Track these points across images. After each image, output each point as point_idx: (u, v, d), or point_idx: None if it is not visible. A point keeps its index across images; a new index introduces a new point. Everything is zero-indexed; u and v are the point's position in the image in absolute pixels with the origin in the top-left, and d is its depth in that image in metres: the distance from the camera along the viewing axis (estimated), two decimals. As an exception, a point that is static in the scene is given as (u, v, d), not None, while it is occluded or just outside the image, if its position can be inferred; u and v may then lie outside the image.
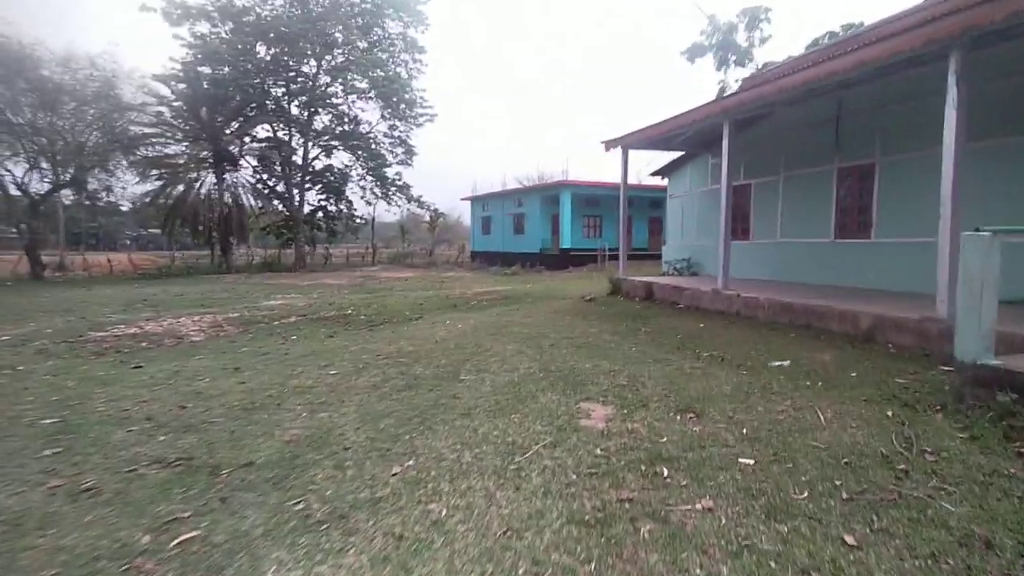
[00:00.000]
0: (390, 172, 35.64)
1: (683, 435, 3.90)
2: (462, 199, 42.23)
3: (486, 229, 39.79)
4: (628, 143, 12.67)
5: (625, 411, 4.46)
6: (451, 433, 4.03)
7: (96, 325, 9.63)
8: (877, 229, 9.92)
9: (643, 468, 3.35)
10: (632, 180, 36.00)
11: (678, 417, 4.31)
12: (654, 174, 16.03)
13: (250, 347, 7.84)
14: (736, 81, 32.02)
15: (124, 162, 26.25)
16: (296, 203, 33.12)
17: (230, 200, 29.72)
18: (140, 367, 6.40)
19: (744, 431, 3.94)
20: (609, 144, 12.92)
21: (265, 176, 33.72)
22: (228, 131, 30.19)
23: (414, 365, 6.35)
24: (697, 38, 32.04)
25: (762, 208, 12.41)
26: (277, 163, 32.89)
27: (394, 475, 3.31)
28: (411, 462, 3.50)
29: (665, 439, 3.82)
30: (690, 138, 13.09)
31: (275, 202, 33.73)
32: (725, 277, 9.72)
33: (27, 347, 7.64)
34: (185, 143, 27.89)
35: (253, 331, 9.33)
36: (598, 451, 3.64)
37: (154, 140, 26.85)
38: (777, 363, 5.79)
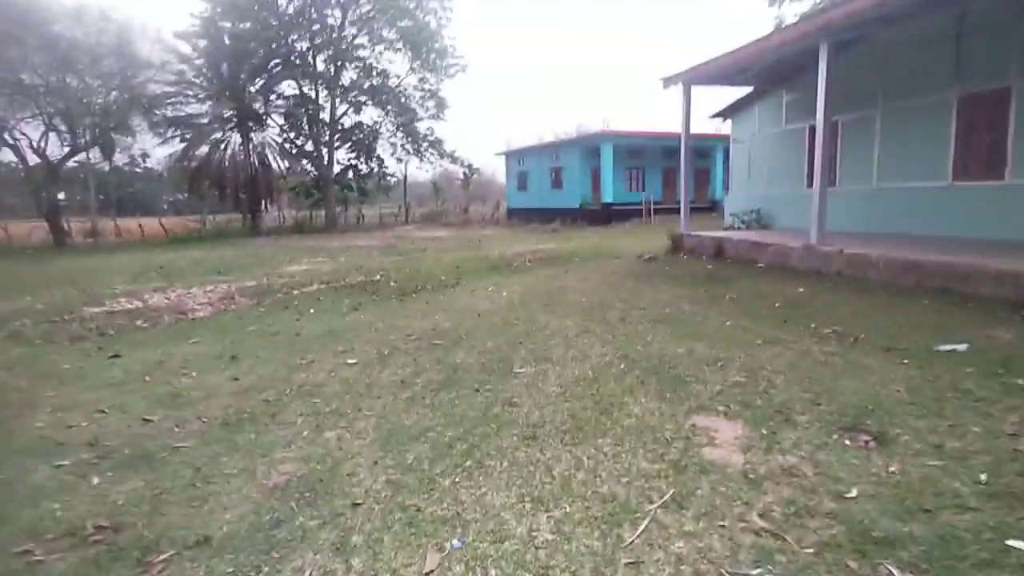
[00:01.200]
0: (421, 127, 34.03)
1: (879, 482, 2.47)
2: (496, 154, 40.36)
3: (522, 185, 38.00)
4: (690, 78, 10.80)
5: (764, 431, 3.04)
6: (513, 475, 2.68)
7: (95, 299, 8.60)
8: (1014, 168, 8.00)
9: (854, 566, 1.94)
10: (674, 127, 33.63)
11: (848, 442, 2.87)
12: (715, 116, 14.07)
13: (258, 325, 6.65)
14: (795, 16, 29.00)
15: (145, 123, 25.16)
16: (325, 162, 31.91)
17: (256, 161, 28.71)
18: (117, 356, 5.24)
19: (979, 475, 2.48)
20: (668, 80, 11.07)
21: (292, 135, 32.56)
22: (252, 88, 28.96)
23: (453, 349, 5.03)
24: (752, -35, 28.84)
25: (853, 149, 10.46)
26: (304, 121, 31.63)
27: (428, 575, 1.99)
28: (455, 542, 2.17)
29: (854, 491, 2.40)
30: (762, 71, 11.13)
31: (303, 162, 32.60)
32: (820, 230, 8.03)
33: (1, 330, 6.60)
34: (208, 102, 26.74)
35: (267, 303, 8.17)
36: (756, 519, 2.24)
37: (174, 99, 25.72)
38: (947, 347, 4.23)
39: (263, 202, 30.28)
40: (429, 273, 11.13)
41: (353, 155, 34.96)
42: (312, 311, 7.54)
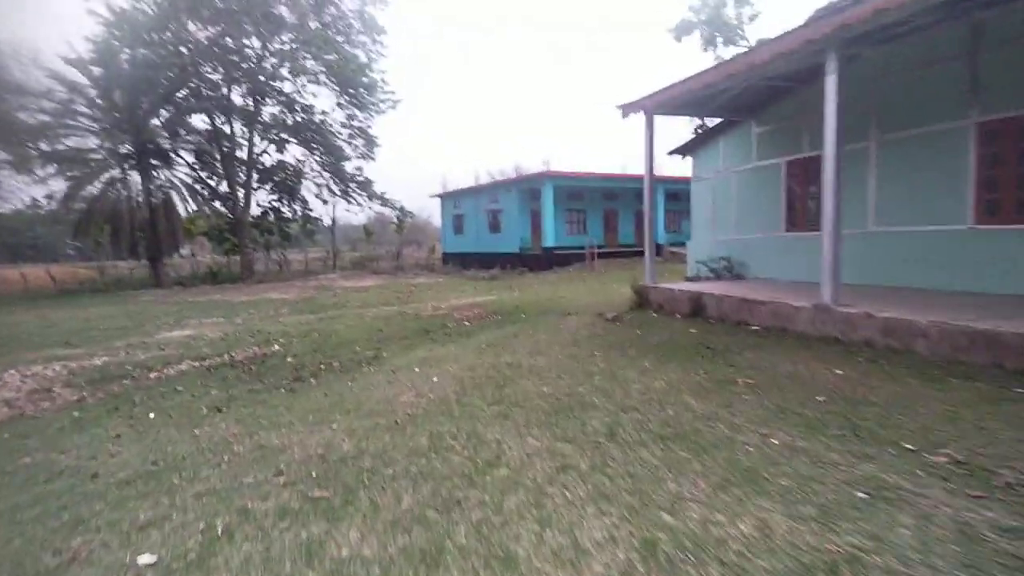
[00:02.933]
0: (349, 167, 31.83)
1: None
2: (431, 196, 38.56)
3: (459, 228, 36.25)
4: (654, 106, 9.32)
5: None
6: None
7: None
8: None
9: None
10: (611, 169, 32.63)
11: None
12: (673, 152, 12.75)
13: (43, 453, 4.24)
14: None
15: (10, 157, 21.65)
16: (241, 204, 29.03)
17: (160, 202, 25.57)
18: None
19: None
20: (628, 108, 9.56)
21: (205, 175, 29.58)
22: (156, 121, 26.06)
23: (343, 515, 2.89)
24: (686, 14, 29.02)
25: (841, 187, 9.18)
26: (218, 159, 28.78)
27: None
28: None
29: None
30: (732, 99, 9.84)
31: (216, 203, 29.57)
32: (835, 286, 6.44)
33: None
34: (99, 135, 23.59)
35: (95, 400, 5.72)
36: None
37: (54, 131, 22.39)
38: None
39: (170, 248, 27.04)
40: (343, 340, 8.89)
41: (275, 197, 32.28)
42: (152, 416, 5.17)
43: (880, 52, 8.00)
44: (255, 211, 32.14)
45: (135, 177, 25.25)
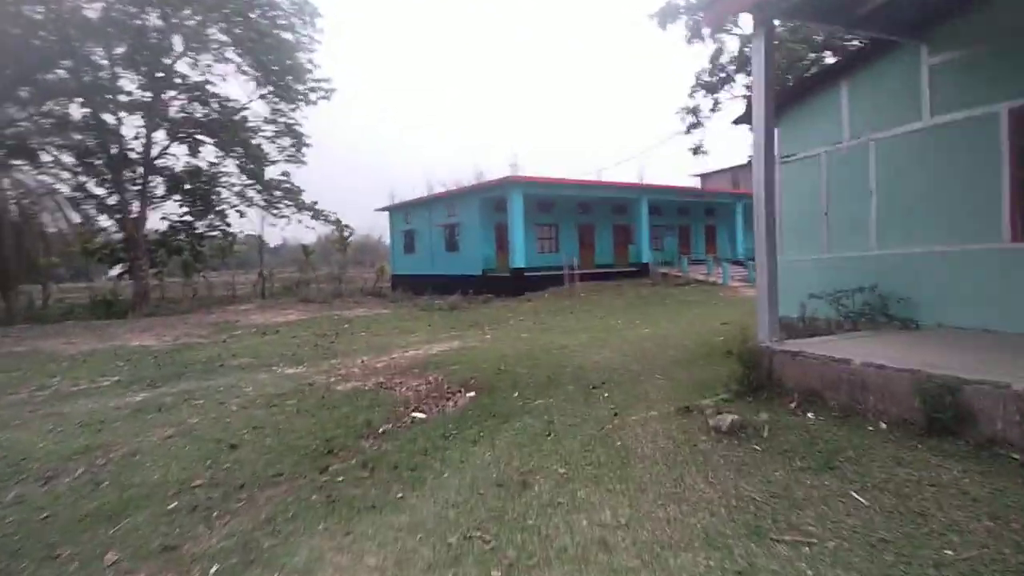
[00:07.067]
0: (275, 171, 26.35)
1: None
2: (376, 209, 33.34)
3: (410, 247, 31.16)
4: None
5: None
6: None
7: None
8: None
9: None
10: (565, 175, 28.20)
11: None
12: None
13: None
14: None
15: None
16: (133, 216, 23.15)
17: (19, 215, 19.69)
18: None
19: None
20: (721, 7, 4.91)
21: (92, 180, 23.65)
22: (14, 111, 20.24)
23: None
24: (670, -4, 25.01)
25: None
26: (103, 160, 22.92)
27: None
28: None
29: None
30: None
31: (103, 216, 23.64)
32: None
33: None
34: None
35: None
36: None
37: None
38: None
39: (30, 272, 20.98)
40: (121, 504, 3.80)
41: (186, 209, 26.48)
42: None
43: None
44: (161, 226, 26.40)
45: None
